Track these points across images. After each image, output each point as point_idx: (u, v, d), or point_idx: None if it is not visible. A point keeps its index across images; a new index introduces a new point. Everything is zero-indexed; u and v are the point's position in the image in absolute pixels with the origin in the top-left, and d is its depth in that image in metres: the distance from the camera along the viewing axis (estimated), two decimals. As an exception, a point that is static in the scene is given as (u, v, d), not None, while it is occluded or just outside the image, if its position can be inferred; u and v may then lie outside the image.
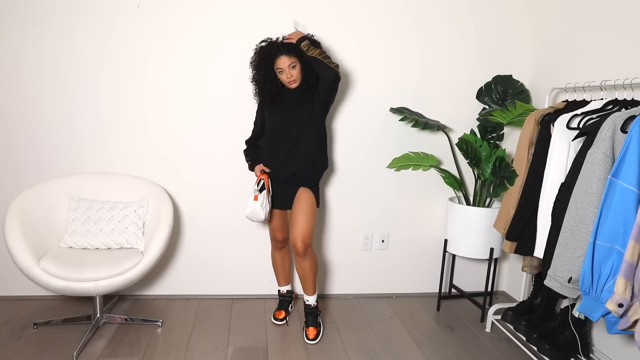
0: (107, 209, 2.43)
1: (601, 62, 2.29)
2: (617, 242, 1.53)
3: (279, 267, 2.63)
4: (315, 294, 2.44)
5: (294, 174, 2.36)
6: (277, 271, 2.64)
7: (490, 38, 2.83)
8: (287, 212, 2.47)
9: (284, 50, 2.21)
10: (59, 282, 2.12)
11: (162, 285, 2.82)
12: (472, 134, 2.78)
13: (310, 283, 2.40)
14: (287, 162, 2.36)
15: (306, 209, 2.34)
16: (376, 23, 2.72)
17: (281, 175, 2.38)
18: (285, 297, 2.66)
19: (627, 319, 1.52)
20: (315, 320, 2.44)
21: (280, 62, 2.21)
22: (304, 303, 2.48)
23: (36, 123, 2.57)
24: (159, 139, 2.66)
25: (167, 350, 2.24)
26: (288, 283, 2.68)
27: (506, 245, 2.26)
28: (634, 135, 1.50)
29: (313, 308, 2.45)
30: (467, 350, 2.36)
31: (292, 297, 2.73)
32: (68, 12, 2.49)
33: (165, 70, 2.61)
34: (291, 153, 2.35)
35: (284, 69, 2.23)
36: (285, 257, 2.63)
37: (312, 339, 2.37)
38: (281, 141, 2.36)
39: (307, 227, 2.31)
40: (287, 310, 2.64)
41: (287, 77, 2.24)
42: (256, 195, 2.34)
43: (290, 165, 2.36)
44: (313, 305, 2.45)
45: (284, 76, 2.25)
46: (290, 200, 2.40)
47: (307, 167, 2.36)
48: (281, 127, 2.35)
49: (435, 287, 3.04)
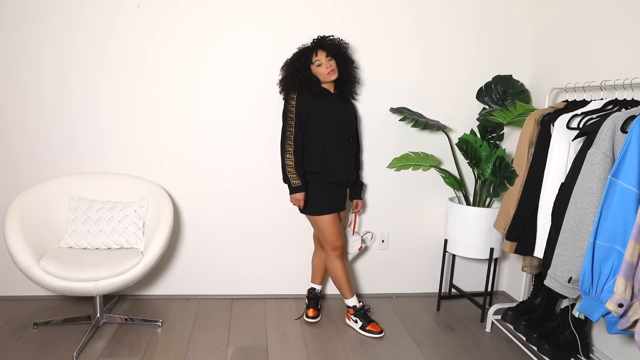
0: (107, 209, 2.43)
1: (601, 62, 2.29)
2: (617, 242, 1.53)
3: (343, 274, 2.50)
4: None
5: (349, 179, 2.49)
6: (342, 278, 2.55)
7: (490, 38, 2.83)
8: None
9: (323, 46, 2.32)
10: (59, 282, 2.12)
11: (162, 285, 2.82)
12: (472, 134, 2.78)
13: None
14: (346, 163, 2.45)
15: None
16: (377, 23, 2.72)
17: (341, 177, 2.42)
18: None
19: (627, 319, 1.51)
20: (317, 305, 2.65)
21: (320, 54, 2.31)
22: (311, 291, 2.69)
23: (36, 123, 2.57)
24: (159, 138, 2.66)
25: (167, 350, 2.24)
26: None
27: (506, 245, 2.26)
28: (634, 135, 1.50)
29: (316, 293, 2.68)
30: (467, 350, 2.36)
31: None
32: (67, 12, 2.49)
33: (165, 70, 2.61)
34: (349, 153, 2.45)
35: (322, 60, 2.30)
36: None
37: (311, 317, 2.58)
38: (343, 140, 2.42)
39: None
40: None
41: (325, 67, 2.31)
42: (361, 246, 2.64)
43: (349, 166, 2.47)
44: (317, 291, 2.70)
45: (322, 68, 2.31)
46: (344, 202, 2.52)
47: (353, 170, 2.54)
48: (341, 124, 2.41)
49: (435, 287, 3.04)
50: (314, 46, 2.35)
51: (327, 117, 2.36)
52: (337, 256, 2.46)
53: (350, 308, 2.52)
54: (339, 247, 2.45)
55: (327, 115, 2.36)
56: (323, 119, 2.35)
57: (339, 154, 2.39)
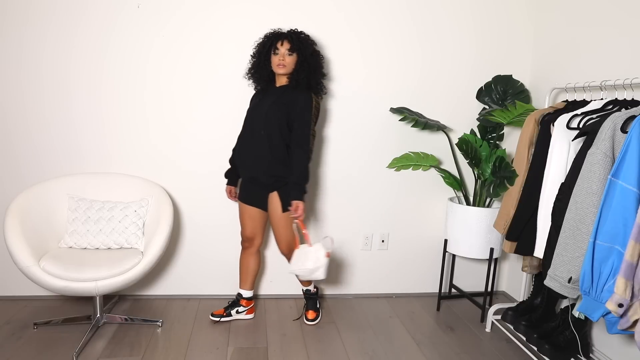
0: (107, 209, 2.43)
1: (601, 62, 2.29)
2: (617, 242, 1.53)
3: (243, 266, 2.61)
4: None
5: (255, 178, 2.36)
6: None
7: (490, 38, 2.83)
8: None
9: (288, 37, 2.25)
10: (59, 282, 2.12)
11: (162, 285, 2.82)
12: (472, 134, 2.78)
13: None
14: (246, 157, 2.38)
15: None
16: (377, 23, 2.72)
17: (243, 172, 2.42)
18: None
19: (627, 319, 1.51)
20: (315, 304, 2.63)
21: (281, 44, 2.25)
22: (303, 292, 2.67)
23: (36, 123, 2.57)
24: (159, 138, 2.66)
25: (167, 350, 2.24)
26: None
27: (506, 245, 2.26)
28: (634, 135, 1.50)
29: (312, 293, 2.64)
30: (467, 350, 2.36)
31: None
32: (68, 12, 2.49)
33: (165, 70, 2.60)
34: (256, 148, 2.31)
35: (281, 50, 2.25)
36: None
37: (311, 320, 2.57)
38: (256, 132, 2.30)
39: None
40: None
41: (279, 58, 2.25)
42: (328, 252, 2.26)
43: (249, 163, 2.36)
44: (312, 291, 2.64)
45: (276, 57, 2.26)
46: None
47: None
48: (260, 115, 2.29)
49: (435, 287, 3.05)
50: (278, 36, 2.28)
51: (252, 109, 2.38)
52: (244, 249, 2.55)
53: (245, 299, 2.58)
54: (245, 239, 2.51)
55: (252, 107, 2.38)
56: (249, 110, 2.39)
57: (245, 147, 2.35)
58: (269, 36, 2.31)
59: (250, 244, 2.52)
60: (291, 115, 2.26)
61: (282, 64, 2.25)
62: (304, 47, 2.27)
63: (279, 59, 2.25)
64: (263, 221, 2.49)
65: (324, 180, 2.83)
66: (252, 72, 2.38)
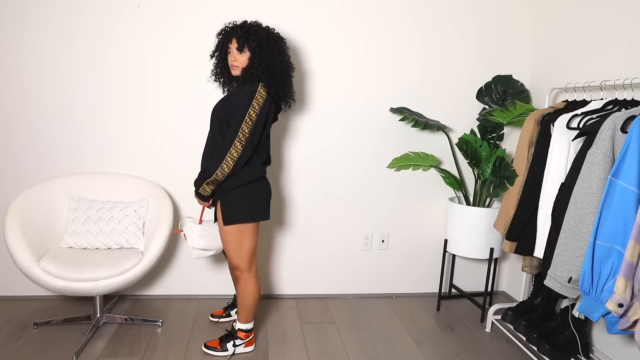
0: (107, 209, 2.43)
1: (601, 62, 2.29)
2: (617, 242, 1.53)
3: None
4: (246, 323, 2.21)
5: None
6: None
7: (490, 38, 2.83)
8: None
9: (235, 34, 1.99)
10: (59, 282, 2.12)
11: (162, 285, 2.82)
12: (472, 134, 2.78)
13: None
14: (204, 155, 2.13)
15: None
16: (378, 23, 2.72)
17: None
18: None
19: (627, 319, 1.52)
20: (227, 339, 2.21)
21: (230, 42, 2.01)
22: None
23: (37, 123, 2.57)
24: (160, 138, 2.66)
25: (167, 350, 2.24)
26: None
27: (506, 245, 2.26)
28: (634, 135, 1.50)
29: (233, 330, 2.24)
30: (467, 350, 2.36)
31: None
32: (68, 12, 2.49)
33: (166, 70, 2.60)
34: (208, 146, 2.10)
35: (232, 49, 2.00)
36: None
37: (207, 346, 2.22)
38: (211, 132, 2.09)
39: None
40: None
41: (231, 59, 2.01)
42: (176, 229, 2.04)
43: (205, 159, 2.13)
44: (235, 328, 2.23)
45: (230, 58, 2.02)
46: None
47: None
48: (213, 115, 2.07)
49: (435, 287, 3.05)
50: (230, 32, 2.03)
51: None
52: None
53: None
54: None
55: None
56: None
57: (205, 148, 2.12)
58: (221, 36, 2.08)
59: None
60: (231, 110, 1.98)
61: (234, 65, 2.01)
62: (253, 40, 1.97)
63: (232, 60, 2.01)
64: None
65: (323, 180, 2.83)
66: (215, 75, 2.17)
